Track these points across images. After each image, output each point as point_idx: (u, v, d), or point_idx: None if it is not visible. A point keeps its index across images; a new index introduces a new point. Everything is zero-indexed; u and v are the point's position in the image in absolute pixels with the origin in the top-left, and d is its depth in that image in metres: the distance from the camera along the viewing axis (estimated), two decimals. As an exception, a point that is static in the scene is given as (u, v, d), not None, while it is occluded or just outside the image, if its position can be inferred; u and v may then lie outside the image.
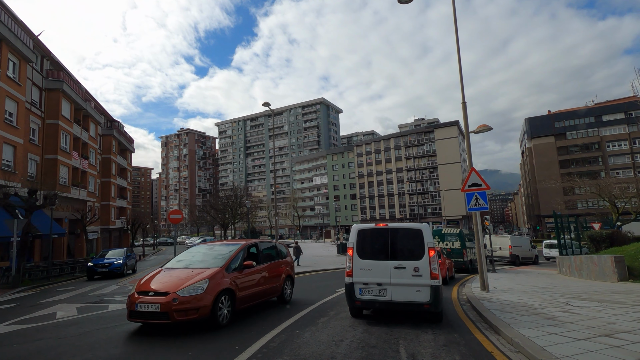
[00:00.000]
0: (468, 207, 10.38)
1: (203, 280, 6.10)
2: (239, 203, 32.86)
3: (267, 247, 8.78)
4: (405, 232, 6.74)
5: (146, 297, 5.93)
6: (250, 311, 7.68)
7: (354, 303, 6.65)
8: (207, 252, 7.60)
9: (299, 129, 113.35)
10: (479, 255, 10.65)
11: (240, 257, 7.17)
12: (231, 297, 6.50)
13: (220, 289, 6.20)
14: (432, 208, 77.06)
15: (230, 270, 6.73)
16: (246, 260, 7.26)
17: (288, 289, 8.92)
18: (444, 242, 19.24)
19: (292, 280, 9.26)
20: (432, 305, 6.14)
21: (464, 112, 11.23)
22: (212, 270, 6.48)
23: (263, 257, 8.15)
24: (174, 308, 5.66)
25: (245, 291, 6.92)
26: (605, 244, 17.42)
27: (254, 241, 8.33)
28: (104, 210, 40.18)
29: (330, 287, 12.13)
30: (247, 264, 7.15)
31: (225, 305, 6.33)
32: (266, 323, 6.55)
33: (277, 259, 8.75)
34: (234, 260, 6.99)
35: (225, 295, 6.32)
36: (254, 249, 8.14)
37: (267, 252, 8.62)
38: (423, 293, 6.22)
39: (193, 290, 5.90)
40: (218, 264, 6.78)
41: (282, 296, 8.60)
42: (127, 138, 49.47)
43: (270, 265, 8.19)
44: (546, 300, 8.22)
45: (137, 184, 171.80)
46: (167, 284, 6.12)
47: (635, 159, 68.84)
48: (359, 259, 6.70)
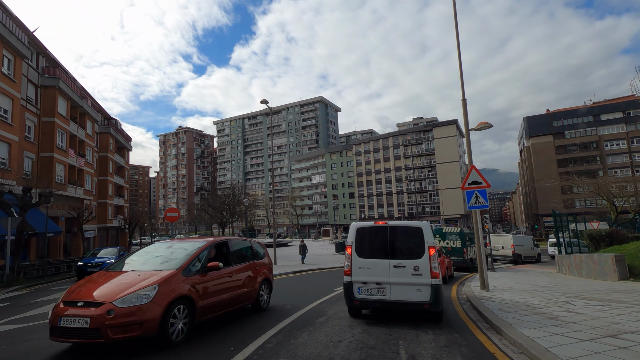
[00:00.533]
0: (468, 205, 10.25)
1: (150, 287, 4.91)
2: (237, 201, 32.67)
3: (240, 246, 7.61)
4: (405, 230, 6.63)
5: (74, 309, 4.66)
6: (218, 323, 6.44)
7: (352, 302, 6.54)
8: (163, 251, 6.44)
9: (298, 128, 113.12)
10: (478, 254, 10.53)
11: (203, 257, 6.05)
12: (189, 307, 5.36)
13: (174, 296, 5.04)
14: (430, 207, 77.05)
15: (189, 273, 5.58)
16: (211, 261, 6.10)
17: (265, 295, 7.79)
18: (444, 241, 19.32)
19: (269, 285, 8.20)
20: (432, 305, 6.03)
21: (464, 110, 11.09)
22: (164, 273, 5.30)
23: (235, 257, 7.05)
24: (108, 323, 4.45)
25: (209, 299, 5.77)
26: (605, 242, 17.33)
27: (222, 239, 7.16)
28: (101, 208, 39.94)
29: (328, 286, 12.00)
30: (212, 265, 5.96)
31: (180, 318, 5.17)
32: (236, 337, 5.51)
33: (252, 260, 7.64)
34: (195, 260, 5.86)
35: (181, 304, 5.18)
36: (224, 248, 6.98)
37: (240, 251, 7.49)
38: (423, 292, 6.10)
39: (136, 299, 4.71)
40: (174, 265, 5.63)
41: (258, 303, 7.46)
42: (125, 136, 49.19)
43: (243, 267, 7.09)
44: (547, 299, 8.11)
45: (135, 182, 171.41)
46: (103, 291, 4.93)
47: (633, 158, 68.98)
48: (357, 258, 6.57)
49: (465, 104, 11.05)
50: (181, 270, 5.48)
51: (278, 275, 15.98)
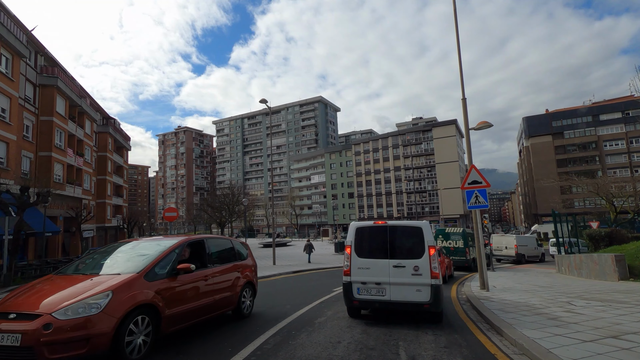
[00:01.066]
0: (468, 205, 10.20)
1: (102, 294, 4.10)
2: (236, 201, 32.59)
3: (219, 246, 6.84)
4: (405, 229, 6.58)
5: (4, 323, 3.82)
6: (216, 323, 6.06)
7: (351, 303, 6.47)
8: (126, 251, 5.66)
9: (297, 128, 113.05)
10: (478, 254, 10.48)
11: (173, 258, 5.26)
12: (153, 317, 4.59)
13: (132, 305, 4.25)
14: (429, 207, 77.04)
15: (155, 277, 4.79)
16: (182, 263, 5.35)
17: (247, 300, 7.03)
18: (447, 241, 19.70)
19: (253, 289, 7.43)
20: (432, 305, 5.99)
21: (464, 109, 11.04)
22: (122, 277, 4.50)
23: (213, 258, 6.32)
24: (45, 340, 3.63)
25: (179, 306, 5.02)
26: (604, 242, 17.31)
27: (197, 237, 6.32)
28: (99, 208, 39.85)
29: (327, 285, 11.95)
30: (183, 267, 5.18)
31: (140, 330, 4.37)
32: (234, 338, 5.28)
33: (233, 261, 6.87)
34: (162, 262, 5.06)
35: (141, 314, 4.40)
36: (199, 248, 6.23)
37: (219, 252, 6.73)
38: (423, 293, 6.05)
39: (83, 309, 3.88)
40: (135, 268, 4.81)
41: (239, 309, 6.71)
42: (124, 135, 49.09)
43: (223, 269, 6.36)
44: (548, 299, 8.06)
45: (134, 182, 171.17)
46: (43, 300, 4.09)
47: (632, 158, 69.05)
48: (357, 258, 6.51)
49: (465, 103, 11.00)
50: (144, 274, 4.68)
51: (277, 275, 15.93)
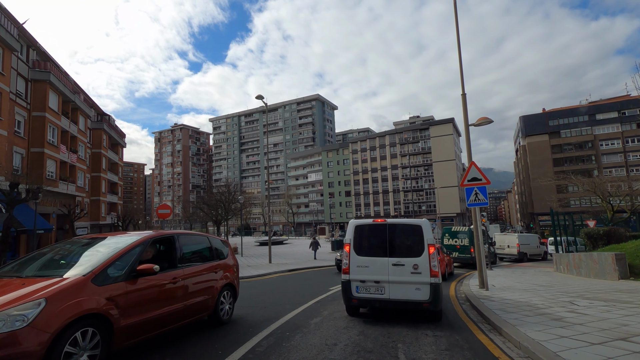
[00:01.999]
0: (467, 203, 10.00)
1: (32, 303, 3.32)
2: (232, 199, 32.24)
3: (192, 244, 5.99)
4: (405, 228, 6.46)
5: None
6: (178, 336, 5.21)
7: (350, 301, 6.35)
8: (76, 249, 4.83)
9: (294, 126, 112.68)
10: (477, 252, 10.28)
11: (132, 258, 4.45)
12: (103, 329, 3.80)
13: (73, 316, 3.46)
14: (426, 205, 77.03)
15: (107, 281, 4.00)
16: (144, 263, 4.56)
17: (226, 304, 6.24)
18: (453, 239, 20.48)
19: (234, 291, 6.61)
20: (431, 304, 5.89)
21: (463, 104, 10.83)
22: (63, 282, 3.66)
23: (184, 257, 5.48)
24: None
25: (138, 315, 4.24)
26: (603, 241, 17.20)
27: (166, 233, 5.43)
28: (94, 205, 39.39)
29: (324, 284, 11.72)
30: (144, 268, 4.37)
31: (84, 347, 3.59)
32: (225, 339, 4.98)
33: (210, 261, 6.07)
34: (117, 262, 4.26)
35: (87, 326, 3.63)
36: (167, 246, 5.45)
37: (193, 250, 5.91)
38: (422, 291, 5.96)
39: (3, 323, 3.14)
40: (82, 270, 3.98)
41: (216, 314, 5.92)
42: (119, 132, 48.56)
43: (197, 270, 5.57)
44: (549, 299, 7.87)
45: (130, 179, 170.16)
46: None
47: (627, 158, 69.32)
48: (356, 256, 6.39)
49: (464, 98, 10.78)
50: (92, 277, 3.87)
51: (272, 274, 15.69)
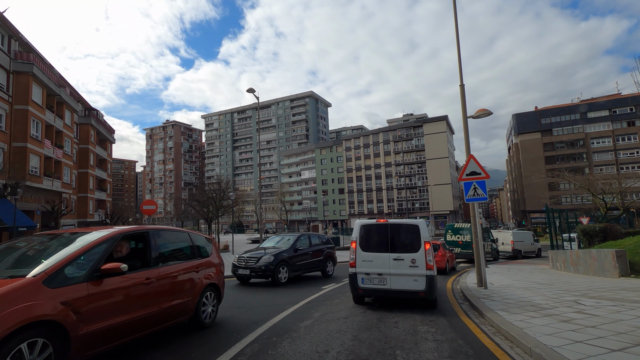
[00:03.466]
0: (466, 198, 9.58)
1: None
2: (223, 196, 31.56)
3: (171, 241, 5.42)
4: (404, 227, 7.38)
5: None
6: (150, 342, 4.71)
7: (357, 291, 7.27)
8: (33, 246, 4.36)
9: (288, 123, 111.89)
10: (475, 249, 9.89)
11: (97, 255, 3.91)
12: (57, 339, 3.27)
13: (16, 324, 2.95)
14: (420, 203, 77.03)
15: (63, 282, 3.45)
16: (110, 262, 4.00)
17: (209, 306, 5.75)
18: (456, 235, 20.71)
19: (218, 292, 6.09)
20: (427, 293, 6.75)
21: (461, 96, 10.40)
22: (8, 284, 3.15)
23: (161, 255, 4.92)
24: None
25: (102, 321, 3.70)
26: (599, 238, 17.00)
27: (138, 228, 4.88)
28: (81, 202, 38.41)
29: (316, 283, 11.24)
30: (110, 267, 3.80)
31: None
32: (205, 347, 4.54)
33: (190, 259, 5.53)
34: (77, 261, 3.73)
35: (34, 337, 3.10)
36: (141, 243, 5.02)
37: (172, 248, 5.36)
38: (419, 282, 6.80)
39: None
40: (32, 270, 3.42)
41: (197, 318, 5.41)
42: (107, 128, 47.49)
43: (174, 269, 5.02)
44: (552, 298, 7.49)
45: (121, 177, 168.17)
46: None
47: (618, 156, 69.99)
48: (361, 252, 7.27)
49: (463, 89, 10.35)
50: (44, 278, 3.33)
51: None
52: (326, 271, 12.94)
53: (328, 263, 13.11)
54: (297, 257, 11.63)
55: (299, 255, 11.72)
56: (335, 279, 12.40)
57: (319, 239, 13.43)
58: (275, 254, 10.91)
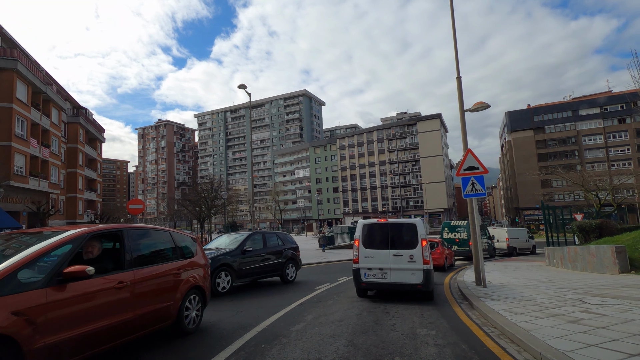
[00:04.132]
0: (464, 193, 9.27)
1: None
2: (216, 195, 30.97)
3: (148, 240, 4.90)
4: (403, 225, 7.96)
5: None
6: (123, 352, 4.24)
7: (360, 285, 7.87)
8: None
9: (281, 122, 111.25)
10: (474, 247, 9.60)
11: (60, 257, 3.48)
12: (6, 355, 2.82)
13: None
14: (414, 201, 77.03)
15: (16, 288, 3.03)
16: (74, 264, 3.51)
17: (192, 311, 5.26)
18: (452, 233, 20.69)
19: (202, 295, 5.57)
20: (423, 286, 7.37)
21: (458, 88, 10.08)
22: None
23: (137, 257, 4.43)
24: None
25: (65, 331, 3.26)
26: (595, 234, 16.86)
27: (109, 227, 4.40)
28: (69, 203, 37.59)
29: (309, 283, 10.86)
30: (73, 271, 3.36)
31: None
32: (190, 354, 4.21)
33: (172, 261, 5.05)
34: (35, 263, 3.30)
35: None
36: (113, 243, 4.69)
37: (151, 248, 4.87)
38: (416, 276, 7.40)
39: None
40: None
41: (180, 324, 4.95)
42: (97, 127, 46.59)
43: (152, 271, 4.54)
44: (554, 296, 7.20)
45: (112, 177, 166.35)
46: None
47: (609, 153, 70.58)
48: (364, 249, 7.83)
49: (460, 82, 10.03)
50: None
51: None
52: (285, 276, 10.87)
53: (288, 267, 11.07)
54: (246, 260, 9.53)
55: (248, 258, 9.65)
56: (325, 281, 12.03)
57: (277, 238, 11.45)
58: (213, 257, 8.61)
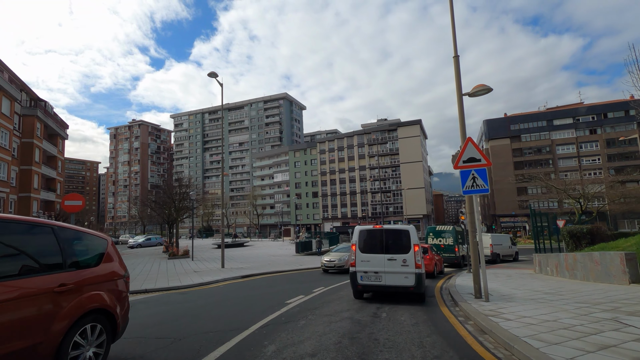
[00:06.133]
0: (463, 190, 7.86)
1: None
2: (184, 196, 28.55)
3: (5, 240, 3.06)
4: (396, 231, 8.20)
5: None
6: None
7: (356, 287, 8.16)
8: None
9: (261, 125, 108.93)
10: (473, 252, 8.19)
11: None
12: None
13: None
14: (393, 207, 76.41)
15: None
16: None
17: (88, 348, 3.49)
18: (438, 239, 19.88)
19: (111, 322, 3.83)
20: (415, 288, 7.66)
21: (455, 69, 8.73)
22: None
23: None
24: None
25: None
26: (586, 240, 16.02)
27: None
28: (22, 203, 34.15)
29: (280, 295, 9.12)
30: None
31: None
32: None
33: (50, 271, 3.31)
34: None
35: None
36: None
37: (6, 253, 3.08)
38: (409, 279, 7.71)
39: None
40: None
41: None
42: (58, 122, 43.20)
43: (10, 291, 2.86)
44: (580, 315, 5.81)
45: (82, 178, 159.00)
46: None
47: (581, 162, 72.51)
48: (360, 253, 8.15)
49: (457, 62, 8.68)
50: None
51: (219, 282, 12.86)
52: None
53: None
54: None
55: None
56: (298, 293, 10.33)
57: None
58: None
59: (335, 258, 16.24)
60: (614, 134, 70.16)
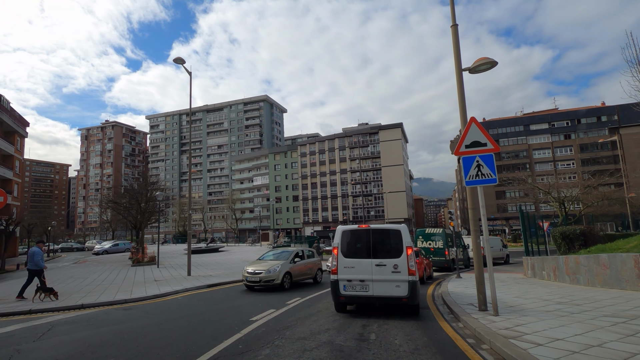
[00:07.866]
0: (465, 180, 6.52)
1: None
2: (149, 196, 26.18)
3: None
4: (386, 232, 7.03)
5: None
6: None
7: (338, 299, 6.95)
8: None
9: (240, 127, 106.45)
10: (476, 256, 6.85)
11: None
12: None
13: None
14: (375, 210, 75.59)
15: None
16: None
17: None
18: (427, 242, 19.19)
19: None
20: (409, 299, 6.52)
21: (454, 39, 7.45)
22: None
23: None
24: None
25: None
26: (579, 241, 15.15)
27: None
28: (-30, 206, 30.89)
29: (244, 311, 7.46)
30: None
31: None
32: None
33: None
34: None
35: None
36: None
37: None
38: (401, 288, 6.57)
39: None
40: None
41: None
42: (17, 118, 39.84)
43: None
44: (626, 336, 4.52)
45: (50, 181, 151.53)
46: None
47: (556, 167, 74.08)
48: (343, 258, 6.99)
49: (456, 30, 7.41)
50: None
51: (179, 293, 11.03)
52: None
53: None
54: None
55: None
56: (267, 307, 8.74)
57: None
58: None
59: (263, 269, 11.30)
60: (587, 139, 72.11)
